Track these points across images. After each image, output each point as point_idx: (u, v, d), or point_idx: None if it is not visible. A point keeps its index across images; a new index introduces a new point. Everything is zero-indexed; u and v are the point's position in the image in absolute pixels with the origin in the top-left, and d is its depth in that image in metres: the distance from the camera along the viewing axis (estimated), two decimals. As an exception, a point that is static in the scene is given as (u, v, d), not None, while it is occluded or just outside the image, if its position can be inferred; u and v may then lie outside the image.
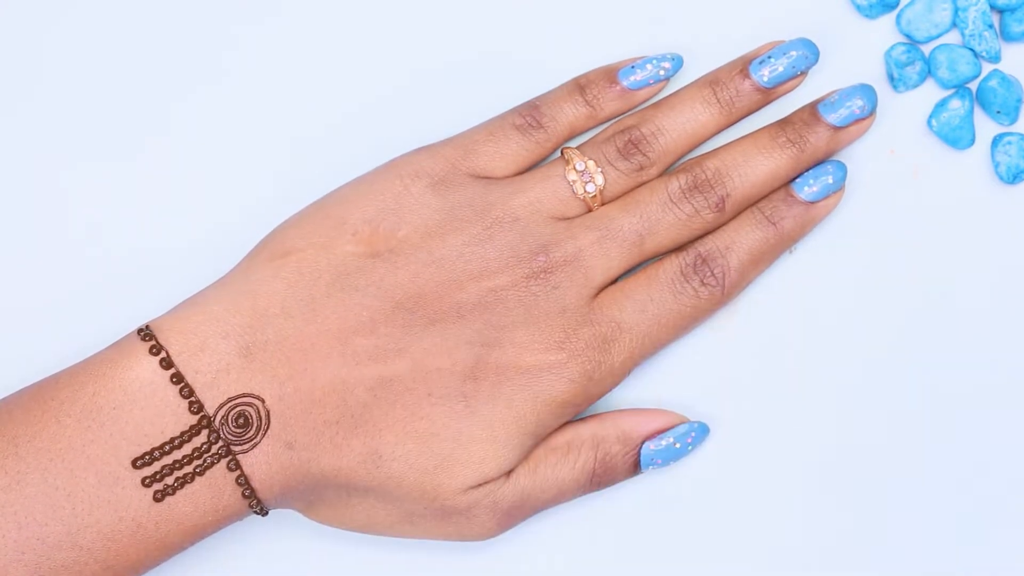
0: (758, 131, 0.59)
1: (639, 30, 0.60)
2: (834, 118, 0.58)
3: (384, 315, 0.54)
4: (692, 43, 0.60)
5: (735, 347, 0.60)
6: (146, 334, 0.53)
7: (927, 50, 0.60)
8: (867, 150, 0.60)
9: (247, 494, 0.53)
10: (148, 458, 0.52)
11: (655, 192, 0.57)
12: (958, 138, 0.60)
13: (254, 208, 0.59)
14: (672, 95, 0.59)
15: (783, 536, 0.59)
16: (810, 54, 0.58)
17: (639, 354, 0.57)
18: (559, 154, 0.58)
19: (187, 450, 0.53)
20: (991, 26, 0.59)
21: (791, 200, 0.58)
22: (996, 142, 0.60)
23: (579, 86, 0.58)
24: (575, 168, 0.57)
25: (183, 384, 0.53)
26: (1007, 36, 0.60)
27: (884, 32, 0.60)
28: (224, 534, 0.58)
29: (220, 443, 0.53)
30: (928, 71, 0.60)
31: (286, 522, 0.59)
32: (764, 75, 0.58)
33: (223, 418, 0.53)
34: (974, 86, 0.60)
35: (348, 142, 0.60)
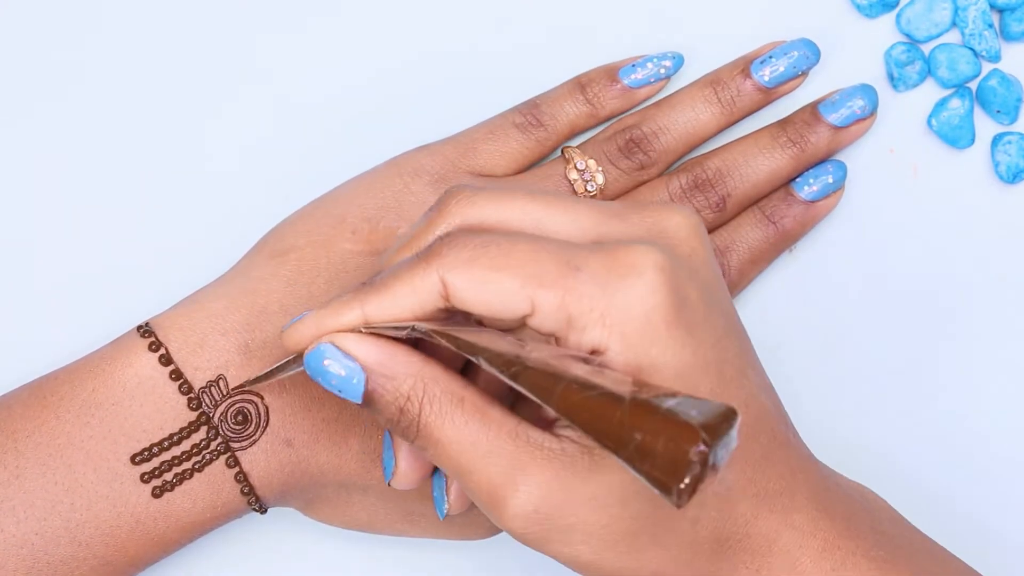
0: (759, 131, 0.59)
1: (640, 30, 0.60)
2: (835, 118, 0.58)
3: None
4: (693, 43, 0.60)
5: (735, 346, 0.60)
6: (145, 331, 0.54)
7: (927, 50, 0.60)
8: (867, 150, 0.60)
9: (246, 491, 0.53)
10: (147, 454, 0.52)
11: (656, 191, 0.57)
12: (958, 137, 0.60)
13: (254, 206, 0.59)
14: (673, 94, 0.59)
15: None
16: (811, 54, 0.58)
17: None
18: (559, 153, 0.58)
19: (186, 446, 0.53)
20: (991, 25, 0.59)
21: (791, 199, 0.58)
22: (996, 142, 0.60)
23: (580, 85, 0.58)
24: (576, 167, 0.57)
25: (182, 381, 0.53)
26: (1007, 36, 0.60)
27: (884, 32, 0.60)
28: (223, 532, 0.58)
29: (219, 440, 0.53)
30: (928, 71, 0.60)
31: (285, 520, 0.59)
32: (765, 75, 0.58)
33: (222, 415, 0.53)
34: (974, 85, 0.60)
35: (348, 141, 0.60)
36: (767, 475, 0.48)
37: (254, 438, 0.53)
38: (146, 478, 0.52)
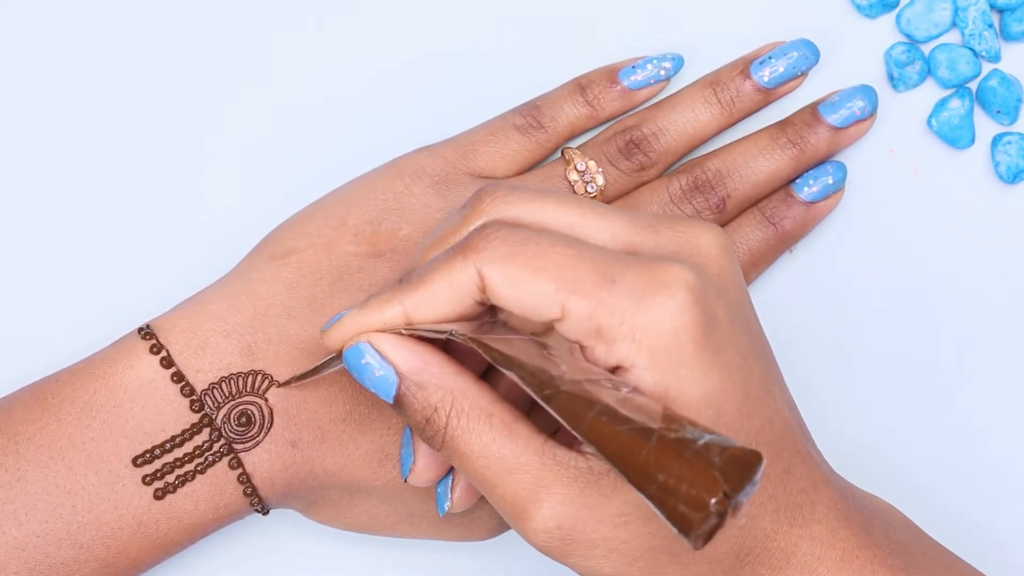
0: (759, 132, 0.59)
1: (639, 30, 0.60)
2: (834, 119, 0.58)
3: None
4: (692, 43, 0.60)
5: (735, 347, 0.60)
6: (147, 333, 0.53)
7: (927, 50, 0.60)
8: (867, 150, 0.60)
9: (248, 492, 0.53)
10: (148, 456, 0.52)
11: (656, 193, 0.57)
12: (958, 138, 0.60)
13: (254, 207, 0.59)
14: (673, 95, 0.59)
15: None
16: (810, 54, 0.58)
17: None
18: (560, 154, 0.58)
19: (188, 448, 0.53)
20: (991, 26, 0.60)
21: (791, 200, 0.58)
22: (996, 142, 0.60)
23: (580, 86, 0.58)
24: (576, 168, 0.57)
25: (184, 383, 0.53)
26: (1007, 36, 0.60)
27: (884, 32, 0.60)
28: (224, 533, 0.58)
29: (222, 442, 0.53)
30: (928, 71, 0.60)
31: (286, 522, 0.59)
32: (765, 75, 0.58)
33: (225, 416, 0.53)
34: (974, 86, 0.60)
35: (349, 142, 0.60)
36: (788, 489, 0.48)
37: (258, 439, 0.53)
38: (148, 480, 0.52)
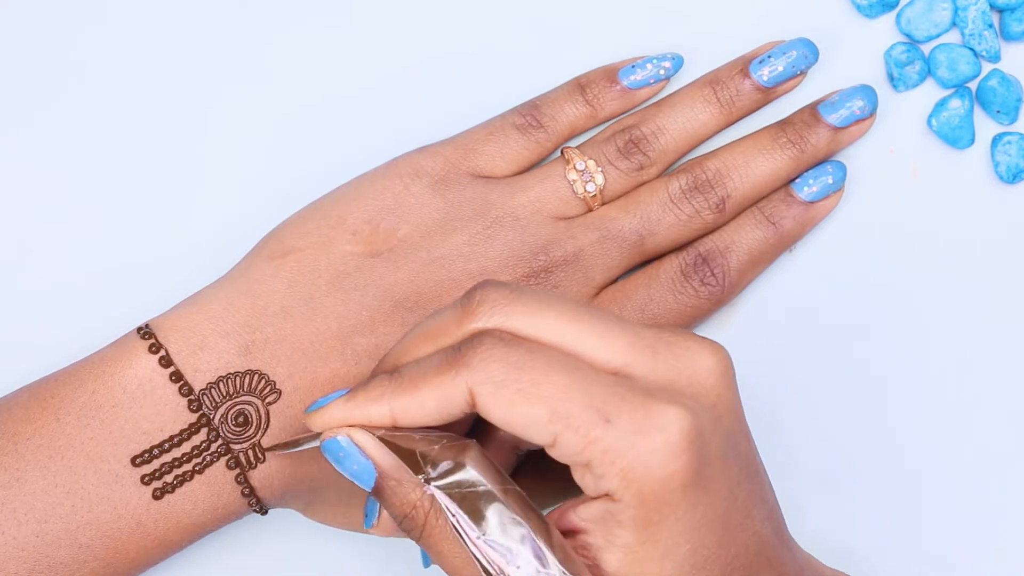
0: (758, 132, 0.59)
1: (639, 30, 0.60)
2: (834, 119, 0.58)
3: (384, 314, 0.54)
4: (692, 43, 0.60)
5: (735, 347, 0.59)
6: (145, 332, 0.53)
7: (927, 50, 0.60)
8: (867, 150, 0.60)
9: (246, 493, 0.53)
10: (147, 456, 0.52)
11: (655, 192, 0.57)
12: (958, 138, 0.60)
13: (254, 207, 0.59)
14: (672, 95, 0.59)
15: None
16: (810, 54, 0.58)
17: None
18: (559, 154, 0.58)
19: (186, 448, 0.53)
20: (991, 26, 0.59)
21: (791, 200, 0.58)
22: (996, 142, 0.60)
23: (579, 86, 0.58)
24: (575, 168, 0.57)
25: (182, 382, 0.53)
26: (1007, 36, 0.60)
27: (884, 32, 0.60)
28: (223, 533, 0.58)
29: (219, 441, 0.53)
30: (928, 71, 0.60)
31: (285, 521, 0.59)
32: (764, 75, 0.58)
33: (223, 416, 0.53)
34: (974, 86, 0.60)
35: (348, 142, 0.60)
36: None
37: (254, 440, 0.53)
38: (147, 480, 0.52)
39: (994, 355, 0.59)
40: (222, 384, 0.53)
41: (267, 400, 0.53)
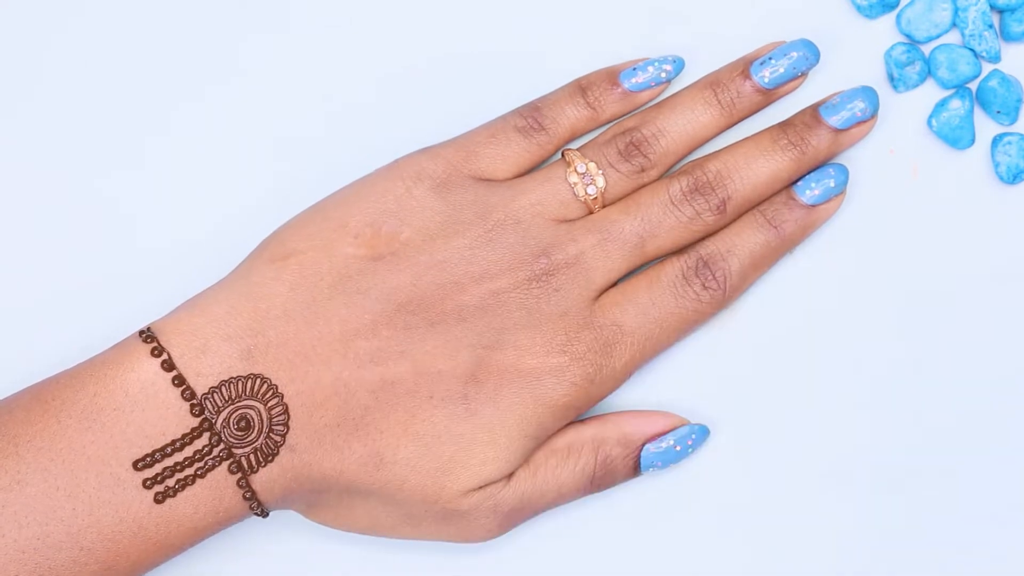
0: (759, 133, 0.59)
1: (639, 31, 0.60)
2: (835, 120, 0.58)
3: (386, 317, 0.54)
4: (693, 44, 0.60)
5: (736, 349, 0.60)
6: (148, 336, 0.53)
7: (927, 50, 0.60)
8: (867, 150, 0.60)
9: (248, 496, 0.53)
10: (149, 460, 0.52)
11: (656, 194, 0.57)
12: (958, 138, 0.60)
13: (255, 209, 0.59)
14: (672, 96, 0.59)
15: (783, 539, 0.59)
16: (810, 55, 0.58)
17: (640, 357, 0.57)
18: (560, 156, 0.58)
19: (188, 452, 0.53)
20: (991, 26, 0.59)
21: (792, 203, 0.58)
22: (996, 142, 0.60)
23: (580, 88, 0.58)
24: (576, 170, 0.57)
25: (185, 386, 0.53)
26: (1007, 36, 0.60)
27: (884, 32, 0.60)
28: (224, 535, 0.58)
29: (221, 446, 0.53)
30: (928, 71, 0.60)
31: (287, 523, 0.59)
32: (765, 76, 0.58)
33: (225, 421, 0.53)
34: (974, 86, 0.60)
35: (349, 143, 0.60)
36: None
37: (256, 444, 0.53)
38: (148, 484, 0.52)
39: (994, 355, 0.59)
40: (224, 388, 0.53)
41: (269, 404, 0.53)
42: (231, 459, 0.53)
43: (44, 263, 0.59)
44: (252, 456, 0.53)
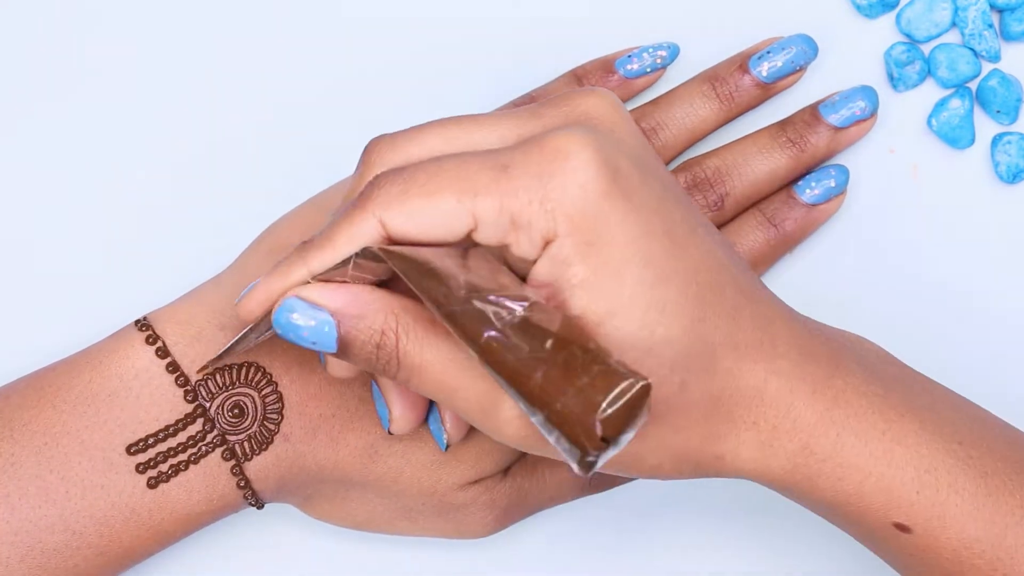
0: (759, 131, 0.59)
1: (637, 29, 0.60)
2: (835, 119, 0.58)
3: None
4: (692, 43, 0.60)
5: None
6: (143, 324, 0.54)
7: (927, 50, 0.60)
8: (867, 149, 0.60)
9: (242, 484, 0.53)
10: (142, 444, 0.52)
11: None
12: (958, 138, 0.60)
13: (253, 203, 0.59)
14: (671, 91, 0.59)
15: (783, 539, 0.59)
16: (809, 49, 0.58)
17: None
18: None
19: (182, 438, 0.53)
20: (991, 26, 0.60)
21: (793, 202, 0.58)
22: (996, 142, 0.60)
23: (576, 77, 0.58)
24: (575, 165, 0.57)
25: (179, 373, 0.53)
26: (1007, 36, 0.60)
27: (884, 32, 0.60)
28: (220, 530, 0.58)
29: (215, 432, 0.53)
30: (928, 71, 0.60)
31: (284, 520, 0.58)
32: (763, 70, 0.58)
33: (219, 407, 0.53)
34: (974, 86, 0.60)
35: (346, 138, 0.60)
36: (742, 327, 0.47)
37: (250, 431, 0.53)
38: (141, 468, 0.52)
39: (994, 354, 0.59)
40: (219, 375, 0.53)
41: (263, 392, 0.53)
42: (224, 446, 0.53)
43: (43, 257, 0.60)
44: (246, 443, 0.53)
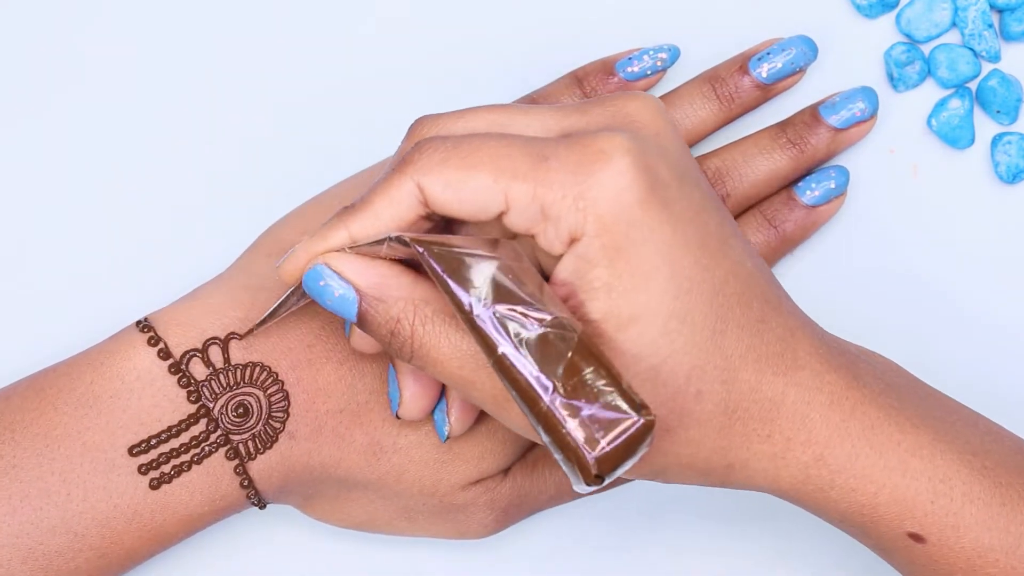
0: (759, 132, 0.59)
1: (637, 29, 0.60)
2: (835, 120, 0.58)
3: None
4: (692, 43, 0.60)
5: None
6: (145, 326, 0.54)
7: (927, 50, 0.60)
8: (867, 150, 0.60)
9: (245, 484, 0.53)
10: (144, 446, 0.52)
11: None
12: (958, 138, 0.60)
13: (252, 205, 0.59)
14: (671, 92, 0.59)
15: (784, 539, 0.59)
16: (808, 51, 0.58)
17: None
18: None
19: (185, 439, 0.53)
20: (991, 26, 0.60)
21: (793, 204, 0.58)
22: (996, 142, 0.60)
23: (576, 79, 0.58)
24: (575, 165, 0.57)
25: (182, 374, 0.53)
26: (1007, 36, 0.60)
27: (884, 32, 0.60)
28: (222, 531, 0.58)
29: (219, 432, 0.53)
30: (928, 71, 0.60)
31: (284, 520, 0.58)
32: (763, 71, 0.58)
33: (223, 407, 0.53)
34: (974, 86, 0.60)
35: (347, 138, 0.60)
36: (765, 339, 0.48)
37: (255, 431, 0.53)
38: (143, 470, 0.52)
39: (994, 354, 0.59)
40: (222, 375, 0.53)
41: (269, 391, 0.53)
42: (228, 445, 0.53)
43: (44, 258, 0.60)
44: (250, 443, 0.53)
